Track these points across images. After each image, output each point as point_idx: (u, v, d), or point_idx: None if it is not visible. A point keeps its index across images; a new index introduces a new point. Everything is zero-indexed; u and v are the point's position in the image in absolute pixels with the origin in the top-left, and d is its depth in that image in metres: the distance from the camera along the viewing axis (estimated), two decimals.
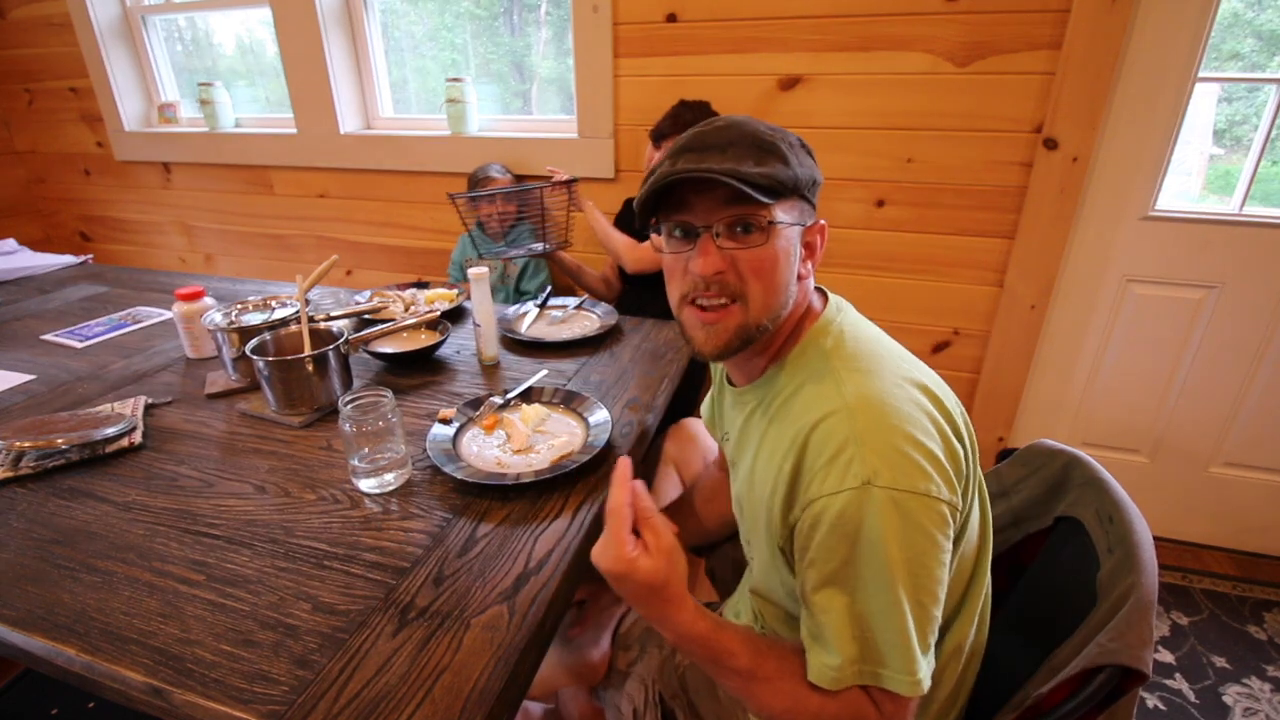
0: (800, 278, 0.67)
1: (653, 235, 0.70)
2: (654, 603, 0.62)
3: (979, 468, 0.66)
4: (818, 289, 0.73)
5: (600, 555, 0.62)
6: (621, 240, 1.69)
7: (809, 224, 0.67)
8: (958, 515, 0.58)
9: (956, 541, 0.61)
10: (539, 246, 1.70)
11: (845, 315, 0.69)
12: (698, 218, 0.63)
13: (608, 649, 0.93)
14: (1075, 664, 0.56)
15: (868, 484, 0.54)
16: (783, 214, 0.63)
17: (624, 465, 0.64)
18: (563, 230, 1.72)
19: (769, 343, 0.69)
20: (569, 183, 1.68)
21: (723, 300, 0.64)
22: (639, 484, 0.65)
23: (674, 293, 0.69)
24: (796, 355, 0.67)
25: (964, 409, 0.66)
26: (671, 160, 0.63)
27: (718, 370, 0.87)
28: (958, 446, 0.60)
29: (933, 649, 0.58)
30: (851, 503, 0.55)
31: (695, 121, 1.61)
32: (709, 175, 0.59)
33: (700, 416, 1.17)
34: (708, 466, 1.10)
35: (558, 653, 0.96)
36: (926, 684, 0.57)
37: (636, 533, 0.63)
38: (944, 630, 0.65)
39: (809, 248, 0.68)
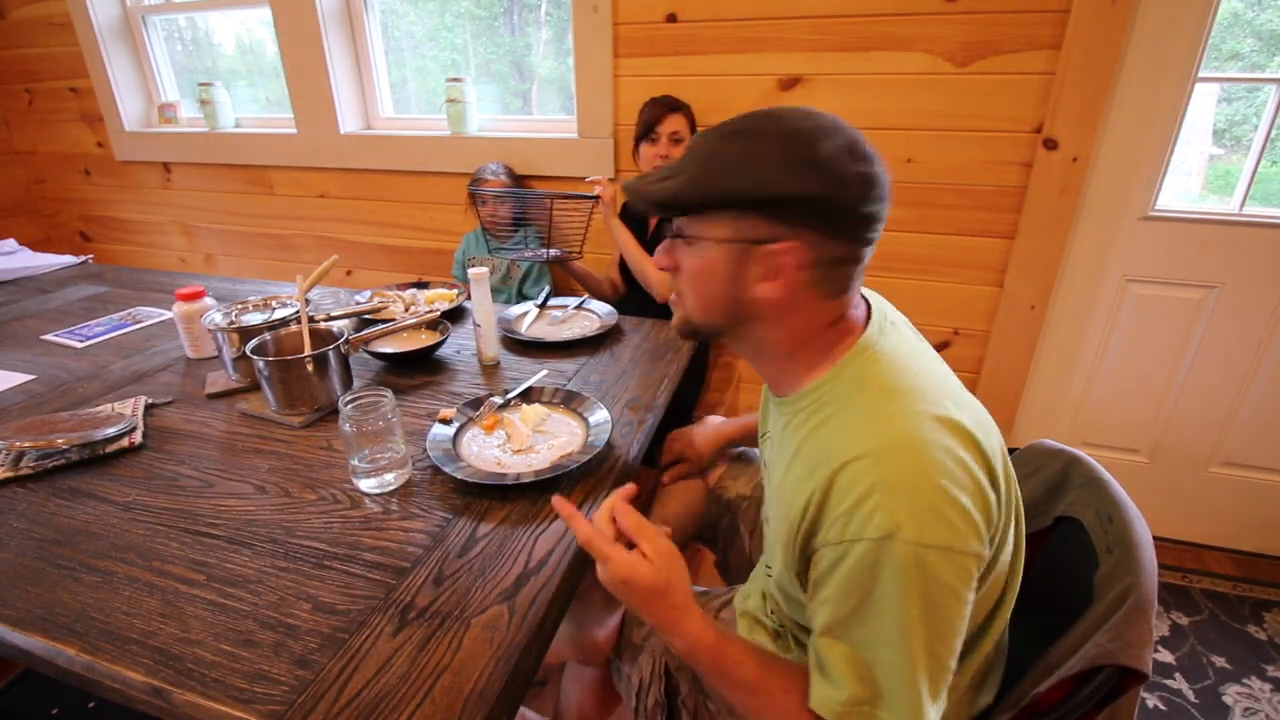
0: (758, 297, 0.62)
1: None
2: (660, 609, 0.64)
3: (1017, 495, 0.65)
4: (864, 298, 0.69)
5: (600, 573, 0.65)
6: (654, 268, 1.62)
7: (764, 243, 0.59)
8: (983, 564, 0.56)
9: (985, 577, 0.60)
10: (552, 253, 1.66)
11: (886, 338, 0.65)
12: None
13: (613, 630, 0.93)
14: (1074, 664, 0.56)
15: (890, 537, 0.53)
16: (702, 229, 0.62)
17: (560, 502, 0.70)
18: (578, 241, 1.68)
19: (786, 359, 0.67)
20: (595, 198, 1.62)
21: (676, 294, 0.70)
22: (620, 502, 0.68)
23: None
24: (831, 379, 0.64)
25: (1002, 442, 0.63)
26: None
27: None
28: (990, 495, 0.57)
29: (944, 696, 0.57)
30: (870, 553, 0.53)
31: (664, 105, 1.62)
32: (629, 188, 0.66)
33: (712, 416, 1.18)
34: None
35: (566, 627, 0.96)
36: None
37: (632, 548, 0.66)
38: (969, 644, 0.65)
39: (770, 269, 0.60)
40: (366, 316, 1.36)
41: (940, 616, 0.54)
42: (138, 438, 0.96)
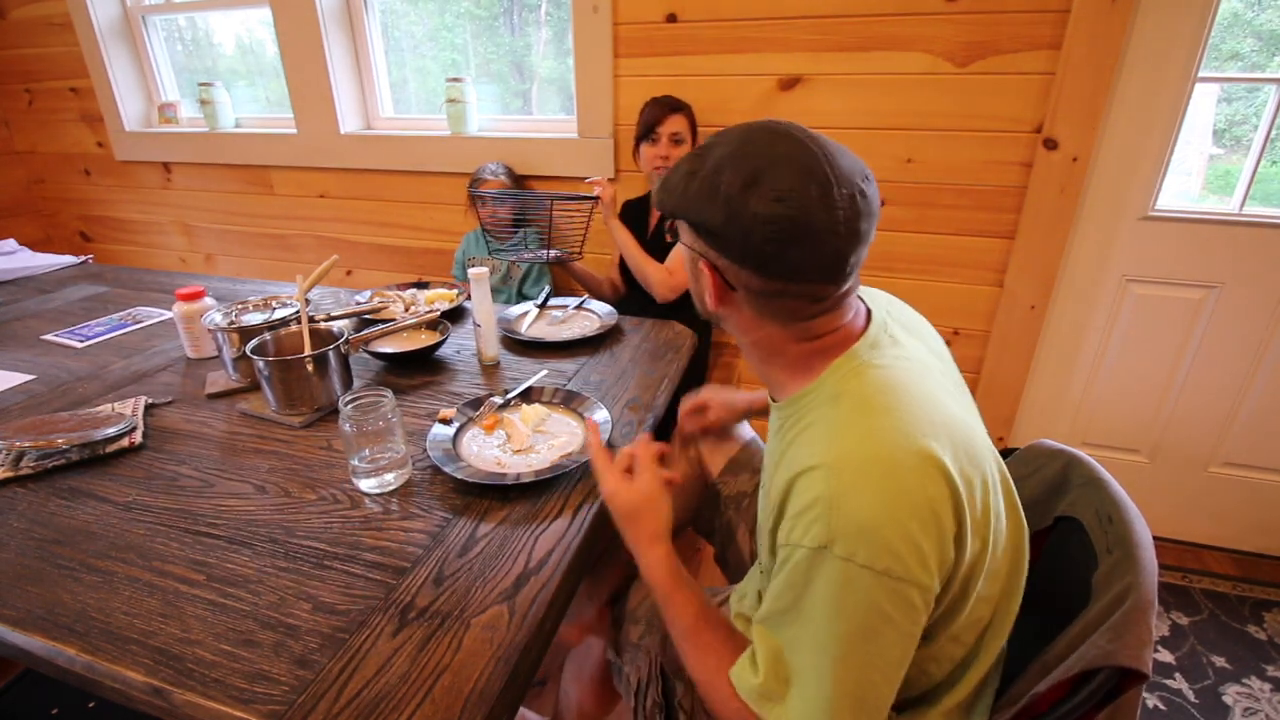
0: (708, 304, 0.65)
1: None
2: (630, 532, 0.74)
3: (1010, 516, 0.64)
4: (868, 308, 0.68)
5: (598, 480, 0.77)
6: (654, 269, 1.61)
7: (699, 255, 0.63)
8: (929, 595, 0.55)
9: (959, 605, 0.60)
10: (552, 254, 1.66)
11: (880, 353, 0.63)
12: None
13: (588, 622, 0.99)
14: (1073, 664, 0.56)
15: (824, 548, 0.53)
16: (681, 230, 0.66)
17: (592, 425, 0.86)
18: (578, 242, 1.68)
19: (764, 364, 0.68)
20: (595, 199, 1.60)
21: None
22: (648, 437, 0.81)
23: None
24: (813, 390, 0.63)
25: (990, 472, 0.60)
26: None
27: None
28: (948, 527, 0.54)
29: None
30: (806, 560, 0.55)
31: (665, 105, 1.62)
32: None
33: (715, 386, 1.19)
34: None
35: None
36: None
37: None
38: (964, 663, 0.65)
39: (705, 281, 0.64)
40: (366, 316, 1.36)
41: (873, 642, 0.54)
42: (138, 438, 0.96)
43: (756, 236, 0.57)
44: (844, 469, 0.55)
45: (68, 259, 1.91)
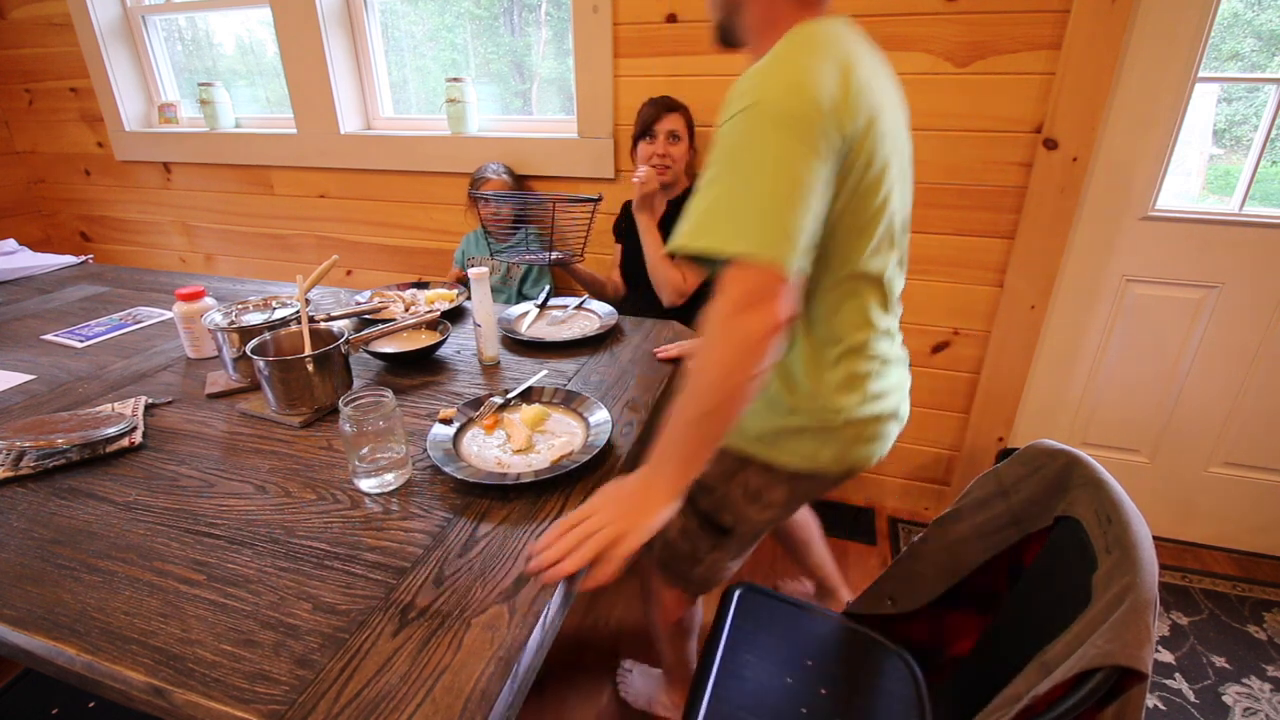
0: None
1: None
2: (644, 507, 0.75)
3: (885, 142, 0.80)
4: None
5: (619, 551, 0.72)
6: (672, 272, 1.55)
7: None
8: (832, 138, 0.71)
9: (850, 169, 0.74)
10: (553, 255, 1.65)
11: (831, 23, 0.84)
12: None
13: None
14: (1072, 664, 0.56)
15: (745, 109, 0.70)
16: None
17: (540, 567, 0.71)
18: (580, 244, 1.67)
19: (759, 45, 0.90)
20: (596, 200, 1.58)
21: None
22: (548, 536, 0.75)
23: None
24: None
25: (881, 103, 0.80)
26: None
27: None
28: (840, 95, 0.72)
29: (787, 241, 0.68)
30: (729, 126, 0.72)
31: (662, 105, 1.63)
32: None
33: None
34: None
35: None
36: (768, 253, 0.66)
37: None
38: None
39: None
40: (366, 316, 1.36)
41: (778, 165, 0.68)
42: (138, 438, 0.96)
43: None
44: (762, 63, 0.73)
45: (68, 259, 1.91)
